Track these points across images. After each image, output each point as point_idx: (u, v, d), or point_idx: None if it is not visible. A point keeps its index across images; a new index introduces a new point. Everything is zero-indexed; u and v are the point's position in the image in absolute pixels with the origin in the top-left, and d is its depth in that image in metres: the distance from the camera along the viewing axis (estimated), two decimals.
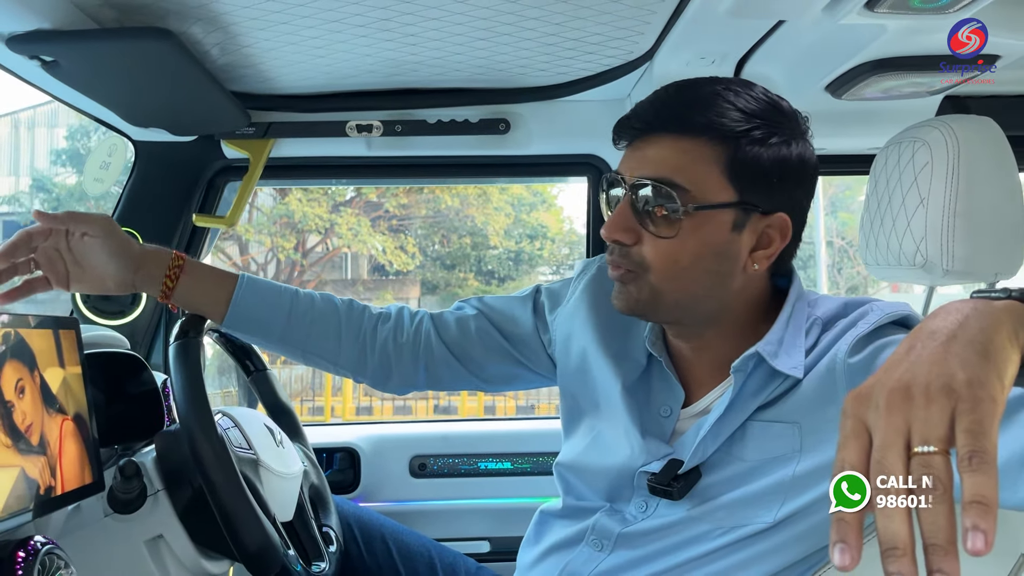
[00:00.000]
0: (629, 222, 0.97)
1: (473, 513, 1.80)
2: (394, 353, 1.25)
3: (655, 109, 0.99)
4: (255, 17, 1.28)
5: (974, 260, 1.21)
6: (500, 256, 15.93)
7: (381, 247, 14.69)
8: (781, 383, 0.99)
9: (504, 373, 1.28)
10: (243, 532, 1.10)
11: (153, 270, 1.17)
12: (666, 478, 1.00)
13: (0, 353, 0.86)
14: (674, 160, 0.96)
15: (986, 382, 0.56)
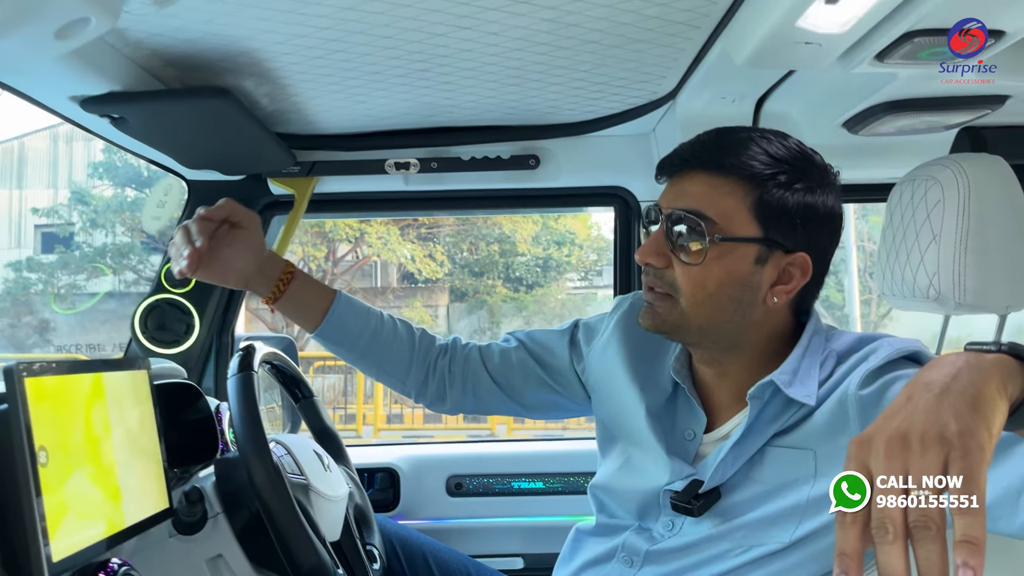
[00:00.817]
0: (661, 247, 1.06)
1: (507, 531, 1.88)
2: (448, 380, 1.37)
3: (693, 149, 1.08)
4: (302, 70, 1.38)
5: (985, 294, 1.26)
6: (528, 263, 15.94)
7: (410, 255, 14.78)
8: (796, 411, 1.05)
9: (542, 401, 1.37)
10: (298, 553, 1.20)
11: (270, 272, 1.29)
12: (687, 496, 1.07)
13: (91, 391, 0.96)
14: (705, 194, 1.05)
15: (976, 432, 0.63)
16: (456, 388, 1.37)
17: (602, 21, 1.22)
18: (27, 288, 15.66)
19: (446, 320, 15.94)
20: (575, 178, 1.82)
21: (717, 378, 1.14)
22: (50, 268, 15.78)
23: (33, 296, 15.55)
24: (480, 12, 1.17)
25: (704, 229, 1.03)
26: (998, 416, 0.66)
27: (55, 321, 15.38)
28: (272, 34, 1.22)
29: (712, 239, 1.03)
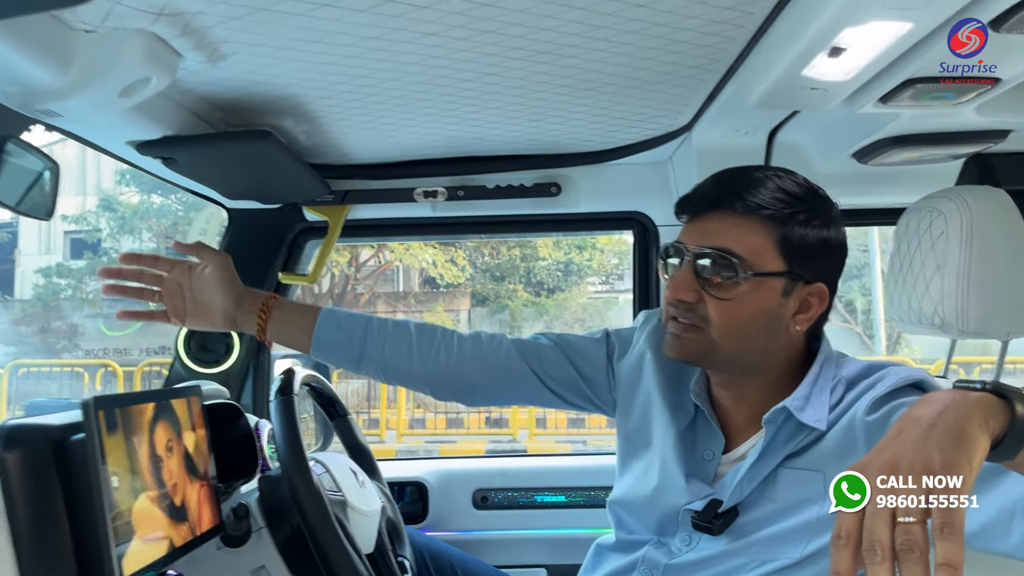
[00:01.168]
0: (692, 284, 1.13)
1: (531, 542, 1.95)
2: (473, 370, 1.37)
3: (717, 190, 1.15)
4: (338, 110, 1.47)
5: (987, 321, 1.33)
6: (549, 267, 15.95)
7: (432, 260, 14.85)
8: (808, 435, 1.12)
9: (570, 401, 1.41)
10: (336, 564, 1.28)
11: (250, 307, 1.37)
12: (707, 516, 1.15)
13: (153, 419, 1.05)
14: (733, 233, 1.12)
15: (957, 465, 0.70)
16: (483, 375, 1.37)
17: (620, 67, 1.29)
18: (57, 293, 15.91)
19: (467, 324, 16.02)
20: (595, 204, 1.89)
21: (735, 401, 1.22)
22: (79, 274, 16.04)
23: (63, 301, 15.79)
24: (506, 61, 1.25)
25: (736, 266, 1.11)
26: (979, 450, 0.73)
27: (84, 326, 15.61)
28: (311, 81, 1.31)
29: (746, 276, 1.11)
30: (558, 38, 1.17)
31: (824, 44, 1.05)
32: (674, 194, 1.89)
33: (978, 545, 0.96)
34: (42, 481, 0.91)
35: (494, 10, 1.07)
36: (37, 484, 0.90)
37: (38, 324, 15.63)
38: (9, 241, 17.92)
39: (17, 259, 18.00)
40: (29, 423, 0.93)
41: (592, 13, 1.08)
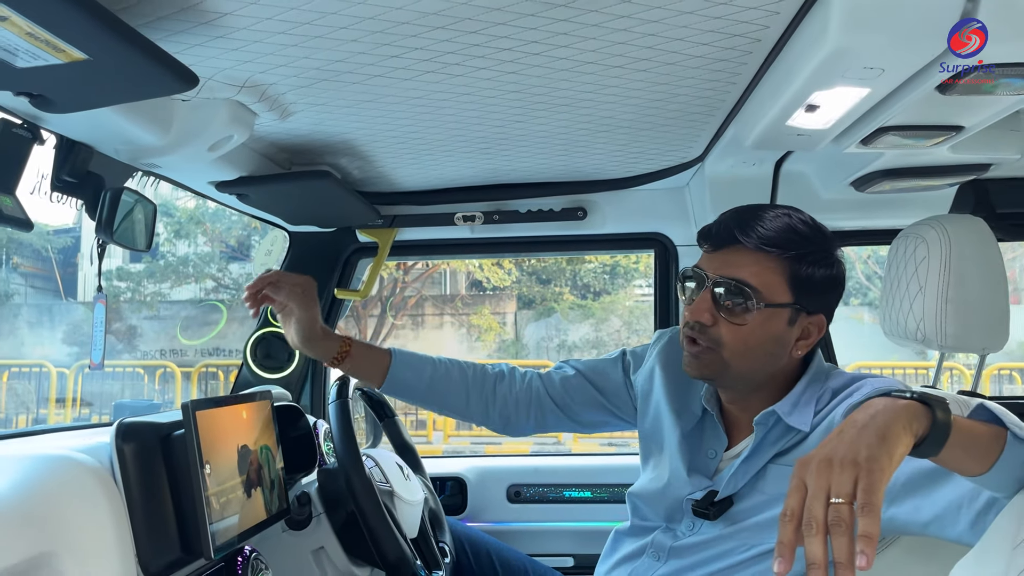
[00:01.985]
0: (710, 308, 1.30)
1: (559, 534, 2.13)
2: (511, 406, 1.58)
3: (739, 226, 1.29)
4: (387, 150, 1.68)
5: (963, 338, 1.47)
6: (595, 270, 15.97)
7: (478, 263, 15.02)
8: (794, 436, 1.30)
9: (596, 420, 1.61)
10: (385, 547, 1.49)
11: (324, 353, 1.50)
12: (705, 503, 1.33)
13: (236, 418, 1.27)
14: (752, 268, 1.27)
15: (879, 458, 0.86)
16: (519, 413, 1.58)
17: (631, 113, 1.48)
18: (117, 296, 16.44)
19: (514, 327, 16.16)
20: (619, 226, 2.08)
21: (739, 410, 1.39)
22: (138, 277, 16.56)
23: (122, 304, 16.33)
24: (530, 112, 1.45)
25: (751, 296, 1.26)
26: (900, 447, 0.89)
27: (141, 328, 16.13)
28: (364, 129, 1.52)
29: (760, 307, 1.27)
30: (574, 94, 1.36)
31: (800, 102, 1.22)
32: (691, 217, 2.06)
33: (932, 531, 1.13)
34: (151, 468, 1.13)
35: (517, 76, 1.27)
36: (147, 470, 1.12)
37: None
38: (72, 246, 18.53)
39: (80, 263, 18.59)
40: (141, 421, 1.16)
41: (600, 75, 1.27)
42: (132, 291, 16.40)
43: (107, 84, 0.99)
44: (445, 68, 1.23)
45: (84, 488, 1.03)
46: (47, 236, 17.79)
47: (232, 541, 1.20)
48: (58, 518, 1.00)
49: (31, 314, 16.90)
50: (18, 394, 11.63)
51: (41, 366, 11.85)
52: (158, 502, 1.12)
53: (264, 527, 1.33)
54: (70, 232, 18.29)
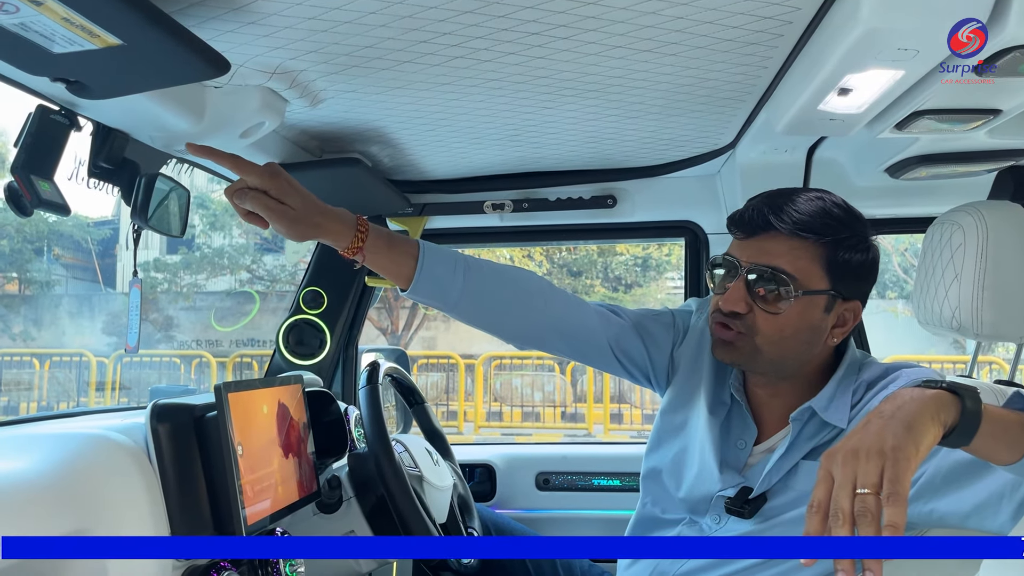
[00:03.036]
0: (744, 297, 1.26)
1: (587, 521, 2.13)
2: (559, 335, 1.43)
3: (773, 211, 1.25)
4: (417, 138, 1.69)
5: (1000, 326, 1.44)
6: (627, 262, 15.88)
7: (509, 255, 15.02)
8: (830, 431, 1.27)
9: (625, 373, 1.50)
10: (414, 530, 1.50)
11: (338, 236, 1.28)
12: (739, 501, 1.30)
13: (266, 404, 1.29)
14: (786, 255, 1.23)
15: (905, 447, 0.85)
16: (570, 346, 1.44)
17: (660, 98, 1.47)
18: (153, 287, 16.73)
19: None
20: (649, 214, 2.06)
21: (769, 398, 1.37)
22: (174, 268, 16.82)
23: (159, 295, 16.60)
24: (559, 98, 1.45)
25: (787, 283, 1.22)
26: (927, 437, 0.88)
27: (178, 319, 16.38)
28: (394, 116, 1.53)
29: (796, 294, 1.23)
30: (602, 79, 1.36)
31: (832, 85, 1.21)
32: (722, 205, 2.04)
33: (972, 524, 1.10)
34: (185, 448, 1.15)
35: (546, 61, 1.27)
36: (181, 451, 1.14)
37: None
38: (111, 237, 18.83)
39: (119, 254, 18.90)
40: (175, 403, 1.18)
41: (629, 60, 1.27)
42: (168, 282, 16.66)
43: (141, 70, 1.01)
44: (474, 53, 1.23)
45: (120, 466, 1.05)
46: (87, 227, 18.13)
47: (264, 522, 1.22)
48: (94, 495, 1.02)
49: (71, 304, 17.25)
50: (59, 382, 11.89)
51: (81, 355, 12.11)
52: (191, 482, 1.15)
53: (294, 509, 1.35)
54: (109, 224, 18.62)
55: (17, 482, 0.96)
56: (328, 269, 2.13)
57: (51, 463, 1.01)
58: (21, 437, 1.13)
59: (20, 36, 0.86)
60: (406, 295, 1.31)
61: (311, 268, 2.14)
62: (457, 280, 1.31)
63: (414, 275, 1.28)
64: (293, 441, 1.37)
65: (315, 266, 2.14)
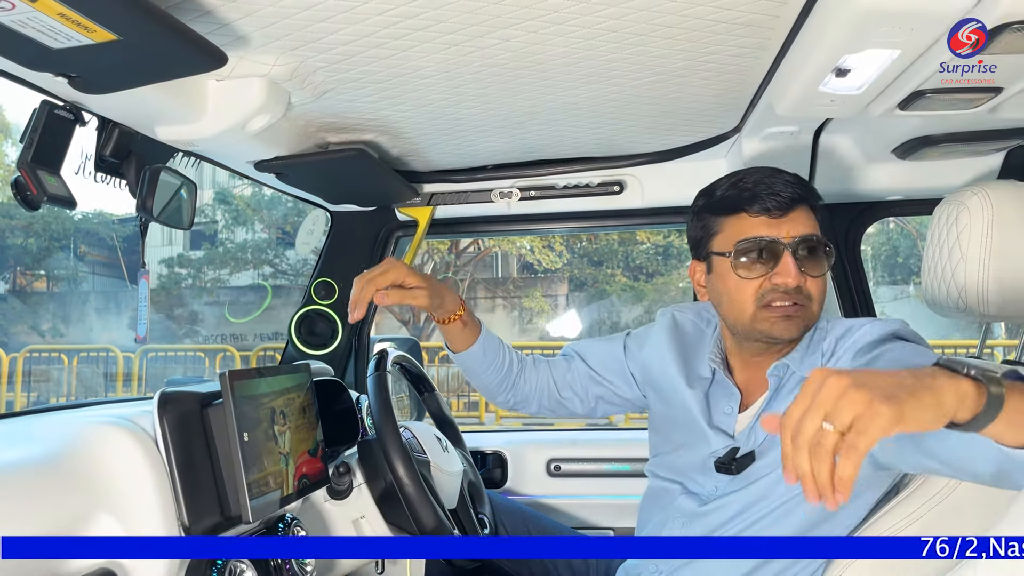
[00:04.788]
0: (797, 270, 1.32)
1: (599, 507, 2.14)
2: (527, 394, 1.69)
3: (797, 191, 1.34)
4: (423, 128, 1.70)
5: (1005, 307, 1.43)
6: (648, 251, 15.86)
7: (529, 246, 15.02)
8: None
9: (598, 404, 1.68)
10: (421, 514, 1.52)
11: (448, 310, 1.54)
12: (728, 460, 1.36)
13: (273, 389, 1.31)
14: (814, 223, 1.36)
15: (890, 412, 0.78)
16: (532, 401, 1.69)
17: (660, 86, 1.48)
18: (178, 283, 16.93)
19: (565, 309, 16.16)
20: (656, 199, 2.06)
21: (753, 367, 1.42)
22: (198, 264, 17.01)
23: (184, 290, 16.80)
24: (559, 87, 1.46)
25: (828, 247, 1.35)
26: (919, 422, 0.80)
27: (203, 314, 16.57)
28: (398, 105, 1.54)
29: (831, 254, 1.36)
30: (597, 64, 1.36)
31: (830, 66, 1.21)
32: None
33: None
34: (191, 434, 1.17)
35: (541, 47, 1.28)
36: (188, 437, 1.17)
37: (163, 312, 16.55)
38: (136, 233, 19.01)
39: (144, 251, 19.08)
40: (180, 390, 1.20)
41: (622, 44, 1.27)
42: (193, 277, 16.86)
43: (139, 64, 1.03)
44: (470, 40, 1.24)
45: (127, 452, 1.08)
46: (112, 225, 18.37)
47: (271, 507, 1.24)
48: (102, 479, 1.05)
49: (98, 301, 17.50)
50: (87, 377, 12.09)
51: (108, 350, 12.29)
52: (198, 467, 1.17)
53: (301, 495, 1.37)
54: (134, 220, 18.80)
55: (29, 466, 0.99)
56: (339, 260, 2.15)
57: (60, 448, 1.04)
58: (36, 426, 1.16)
59: (18, 32, 0.88)
60: (452, 356, 1.63)
61: (321, 259, 2.16)
62: (489, 363, 1.63)
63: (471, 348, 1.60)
64: (300, 428, 1.39)
65: (325, 257, 2.16)
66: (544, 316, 15.91)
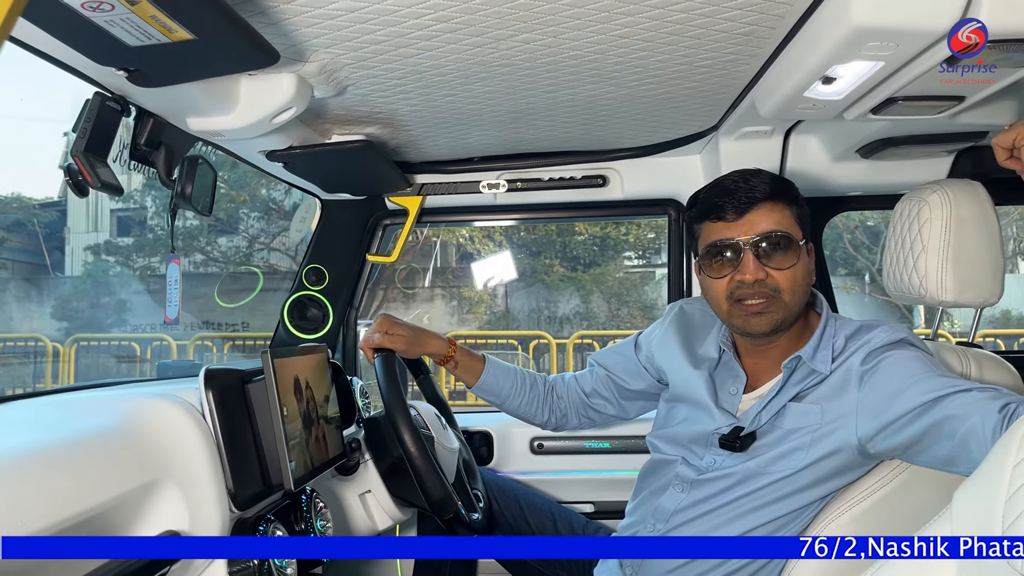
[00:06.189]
0: (758, 265, 1.43)
1: (580, 483, 2.26)
2: (564, 411, 1.86)
3: (759, 191, 1.45)
4: (422, 120, 1.78)
5: (962, 293, 1.59)
6: (585, 242, 16.03)
7: (469, 236, 15.04)
8: (815, 378, 1.44)
9: (631, 405, 1.84)
10: (430, 486, 1.61)
11: (436, 351, 1.81)
12: (732, 437, 1.48)
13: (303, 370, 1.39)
14: (778, 217, 1.44)
15: None
16: (571, 416, 1.87)
17: (653, 86, 1.59)
18: (106, 271, 16.43)
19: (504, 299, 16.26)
20: (635, 192, 2.19)
21: (759, 352, 1.54)
22: (126, 251, 16.52)
23: (111, 278, 16.30)
24: (561, 85, 1.56)
25: (790, 240, 1.43)
26: None
27: (131, 302, 16.11)
28: (408, 100, 1.62)
29: (796, 245, 1.44)
30: (604, 67, 1.47)
31: (818, 74, 1.34)
32: (703, 183, 2.16)
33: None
34: (235, 409, 1.25)
35: (555, 49, 1.37)
36: (232, 411, 1.24)
37: (88, 300, 16.06)
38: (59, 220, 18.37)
39: (67, 237, 18.47)
40: (224, 367, 1.27)
41: (630, 50, 1.38)
42: (121, 265, 16.37)
43: (199, 60, 1.09)
44: (493, 42, 1.33)
45: (183, 424, 1.14)
46: (32, 210, 17.69)
47: (307, 476, 1.32)
48: (163, 450, 1.11)
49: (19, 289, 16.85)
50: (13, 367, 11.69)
51: (37, 339, 11.90)
52: (242, 439, 1.24)
53: (330, 465, 1.45)
54: (56, 206, 18.15)
55: (98, 436, 1.04)
56: (329, 247, 2.22)
57: (122, 420, 1.10)
58: (89, 400, 1.21)
59: (103, 30, 0.94)
60: (473, 390, 1.84)
61: (312, 247, 2.22)
62: (503, 390, 1.83)
63: (480, 379, 1.82)
64: (324, 404, 1.47)
65: (315, 244, 2.22)
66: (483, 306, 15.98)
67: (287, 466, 1.24)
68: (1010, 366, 1.55)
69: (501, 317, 15.89)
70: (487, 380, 1.81)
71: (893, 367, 1.37)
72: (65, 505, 0.91)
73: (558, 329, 14.47)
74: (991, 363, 1.56)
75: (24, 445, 0.93)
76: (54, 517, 0.89)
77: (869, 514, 1.43)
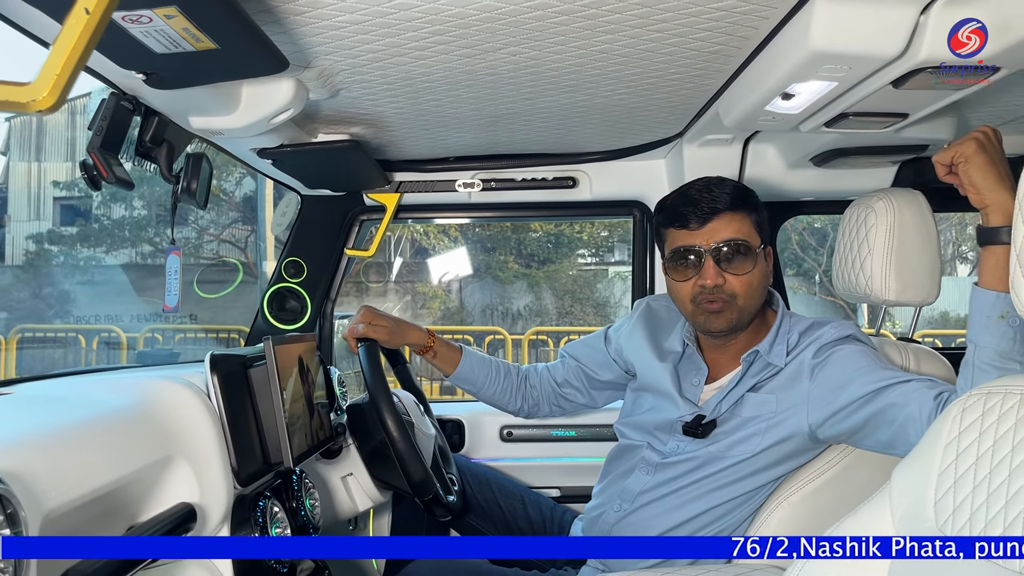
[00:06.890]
0: (718, 271, 1.56)
1: (547, 469, 2.37)
2: (536, 400, 1.99)
3: (721, 201, 1.57)
4: (405, 121, 1.87)
5: (903, 292, 1.73)
6: (540, 239, 16.16)
7: (424, 231, 15.04)
8: (771, 370, 1.58)
9: (600, 395, 1.98)
10: (411, 468, 1.70)
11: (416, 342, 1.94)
12: (695, 424, 1.61)
13: (298, 356, 1.47)
14: (737, 226, 1.57)
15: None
16: (543, 405, 2.00)
17: (625, 96, 1.70)
18: (48, 260, 16.04)
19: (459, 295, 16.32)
20: (603, 193, 2.30)
21: (720, 347, 1.67)
22: (70, 240, 16.15)
23: (54, 268, 15.93)
24: (540, 93, 1.66)
25: (749, 247, 1.55)
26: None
27: (75, 292, 15.77)
28: (395, 105, 1.71)
29: (754, 252, 1.56)
30: (582, 78, 1.58)
31: (779, 91, 1.46)
32: (666, 186, 2.29)
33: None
34: (238, 391, 1.33)
35: (538, 59, 1.47)
36: (235, 393, 1.32)
37: (29, 290, 15.68)
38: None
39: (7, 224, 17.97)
40: (227, 353, 1.35)
41: (608, 63, 1.49)
42: (64, 255, 16.00)
43: (215, 67, 1.17)
44: (481, 53, 1.42)
45: (193, 405, 1.22)
46: None
47: (304, 455, 1.41)
48: (176, 428, 1.19)
49: None
50: None
51: None
52: (244, 420, 1.32)
53: (323, 446, 1.54)
54: None
55: (119, 414, 1.12)
56: (308, 241, 2.29)
57: (138, 400, 1.18)
58: (101, 381, 1.28)
59: (134, 39, 1.02)
60: (450, 379, 1.96)
61: (291, 240, 2.30)
62: (479, 380, 1.96)
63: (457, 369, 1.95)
64: (316, 388, 1.55)
65: (294, 238, 2.29)
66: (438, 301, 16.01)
67: (287, 445, 1.32)
68: (944, 359, 1.71)
69: (456, 312, 15.94)
70: (464, 370, 1.91)
71: (841, 360, 1.51)
72: (97, 476, 0.99)
73: (512, 325, 14.59)
74: (928, 357, 1.71)
75: (59, 422, 1.01)
76: (87, 487, 0.97)
77: (818, 493, 1.57)
